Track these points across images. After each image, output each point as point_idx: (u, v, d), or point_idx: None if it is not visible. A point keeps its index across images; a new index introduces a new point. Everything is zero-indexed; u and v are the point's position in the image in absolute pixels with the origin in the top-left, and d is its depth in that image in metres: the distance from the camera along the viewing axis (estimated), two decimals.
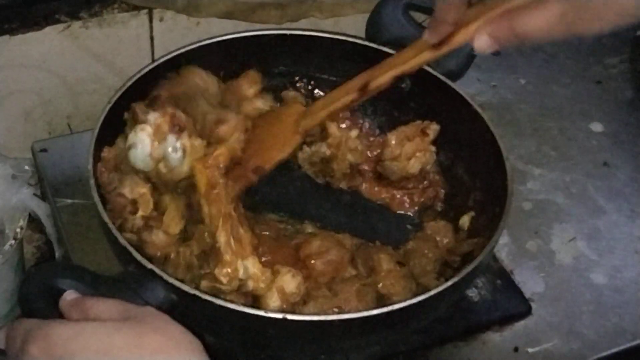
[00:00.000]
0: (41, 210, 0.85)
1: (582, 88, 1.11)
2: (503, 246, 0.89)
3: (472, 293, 0.83)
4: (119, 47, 0.95)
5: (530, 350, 0.81)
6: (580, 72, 1.14)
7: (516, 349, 0.81)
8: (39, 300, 0.60)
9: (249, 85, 0.87)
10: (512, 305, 0.84)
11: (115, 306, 0.59)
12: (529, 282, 0.87)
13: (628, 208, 0.96)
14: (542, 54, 1.16)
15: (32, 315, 0.60)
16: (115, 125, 0.78)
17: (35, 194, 0.85)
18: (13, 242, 0.80)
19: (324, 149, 0.87)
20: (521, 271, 0.88)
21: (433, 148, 0.86)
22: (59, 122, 0.98)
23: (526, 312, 0.84)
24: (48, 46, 0.91)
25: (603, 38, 1.19)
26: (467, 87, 0.85)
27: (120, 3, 0.92)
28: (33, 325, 0.56)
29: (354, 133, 0.88)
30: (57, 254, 0.89)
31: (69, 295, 0.60)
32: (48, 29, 0.90)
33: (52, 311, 0.60)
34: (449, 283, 0.68)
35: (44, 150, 0.93)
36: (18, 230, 0.81)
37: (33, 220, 0.86)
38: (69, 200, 0.87)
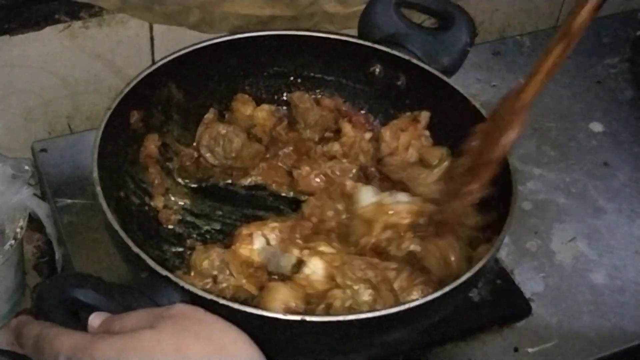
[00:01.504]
0: (41, 210, 0.85)
1: (582, 88, 1.11)
2: (503, 246, 0.89)
3: (472, 293, 0.83)
4: (119, 47, 0.95)
5: (530, 350, 0.81)
6: (580, 72, 1.14)
7: (516, 349, 0.81)
8: (56, 312, 0.60)
9: (244, 106, 0.88)
10: (512, 305, 0.84)
11: (143, 315, 0.57)
12: (529, 282, 0.87)
13: (628, 208, 0.96)
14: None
15: None
16: (116, 129, 0.78)
17: (35, 194, 0.85)
18: (13, 242, 0.80)
19: (336, 148, 0.86)
20: (521, 271, 0.88)
21: (427, 132, 0.86)
22: (59, 122, 0.98)
23: (526, 312, 0.84)
24: (48, 46, 0.91)
25: (603, 38, 1.19)
26: (467, 87, 0.85)
27: None
28: (77, 344, 0.55)
29: (368, 135, 0.87)
30: (57, 254, 0.89)
31: (94, 321, 0.59)
32: (48, 29, 0.90)
33: (71, 322, 0.60)
34: (465, 277, 0.67)
35: (44, 150, 0.93)
36: (18, 230, 0.81)
37: (33, 220, 0.86)
38: (69, 200, 0.87)
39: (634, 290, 0.88)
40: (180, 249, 0.80)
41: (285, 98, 0.91)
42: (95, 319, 0.59)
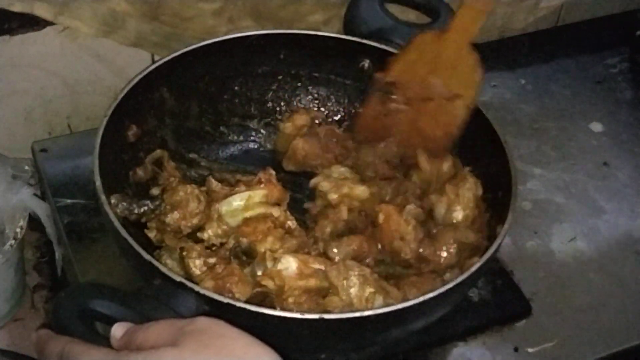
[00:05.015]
0: (41, 210, 0.85)
1: (582, 88, 1.11)
2: (503, 246, 0.89)
3: (472, 293, 0.83)
4: (119, 47, 0.95)
5: (530, 350, 0.81)
6: (580, 72, 1.14)
7: (516, 349, 0.81)
8: (74, 324, 0.60)
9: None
10: (512, 305, 0.84)
11: (165, 329, 0.57)
12: (529, 282, 0.87)
13: (628, 208, 0.96)
14: (542, 54, 1.16)
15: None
16: (114, 133, 0.78)
17: (35, 194, 0.85)
18: (13, 242, 0.80)
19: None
20: (521, 271, 0.88)
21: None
22: (59, 122, 0.99)
23: (526, 312, 0.84)
24: (48, 46, 0.91)
25: (603, 38, 1.19)
26: None
27: None
28: None
29: (447, 165, 0.83)
30: (57, 254, 0.89)
31: (117, 332, 0.59)
32: (48, 29, 0.90)
33: (90, 334, 0.60)
34: (468, 273, 0.68)
35: (44, 150, 0.93)
36: (18, 230, 0.81)
37: (33, 220, 0.86)
38: (69, 200, 0.87)
39: (634, 290, 0.88)
40: None
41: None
42: (117, 330, 0.59)
